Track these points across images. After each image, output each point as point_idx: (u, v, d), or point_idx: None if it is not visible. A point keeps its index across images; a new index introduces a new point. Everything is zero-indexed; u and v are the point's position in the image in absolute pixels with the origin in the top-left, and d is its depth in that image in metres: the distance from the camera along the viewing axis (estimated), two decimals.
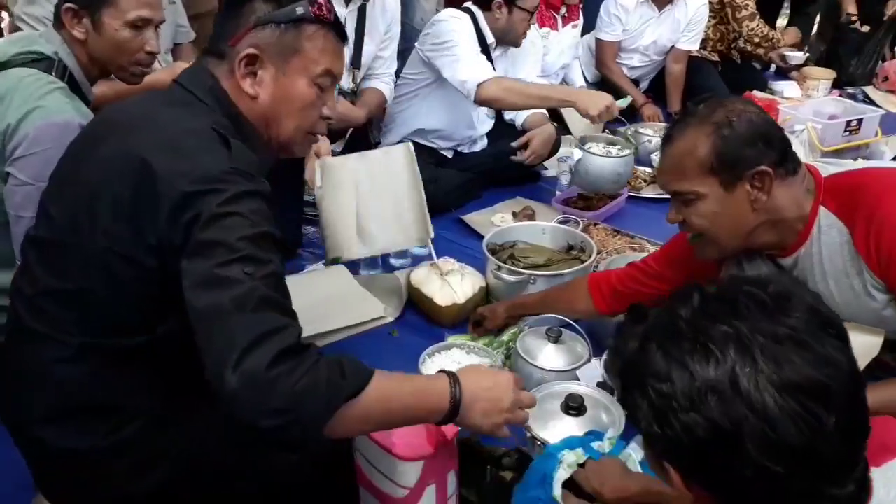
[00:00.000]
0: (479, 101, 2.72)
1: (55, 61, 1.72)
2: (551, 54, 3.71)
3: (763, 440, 0.71)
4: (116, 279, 1.17)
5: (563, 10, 3.67)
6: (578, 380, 1.79)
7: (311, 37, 1.28)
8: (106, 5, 1.72)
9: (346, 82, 2.75)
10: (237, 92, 1.28)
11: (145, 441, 1.25)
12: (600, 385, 1.74)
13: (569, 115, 3.61)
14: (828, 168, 1.50)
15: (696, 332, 0.77)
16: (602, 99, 2.61)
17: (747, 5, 4.11)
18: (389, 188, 2.21)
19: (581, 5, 3.79)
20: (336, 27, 1.32)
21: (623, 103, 3.46)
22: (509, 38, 2.97)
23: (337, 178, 2.20)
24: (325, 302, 2.18)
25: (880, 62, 4.76)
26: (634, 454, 1.38)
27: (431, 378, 1.20)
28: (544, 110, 3.19)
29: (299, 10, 1.26)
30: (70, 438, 1.23)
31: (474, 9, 2.94)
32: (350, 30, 2.60)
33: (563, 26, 3.70)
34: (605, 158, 2.80)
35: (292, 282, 2.35)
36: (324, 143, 2.31)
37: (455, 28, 2.76)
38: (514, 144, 3.04)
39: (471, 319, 2.12)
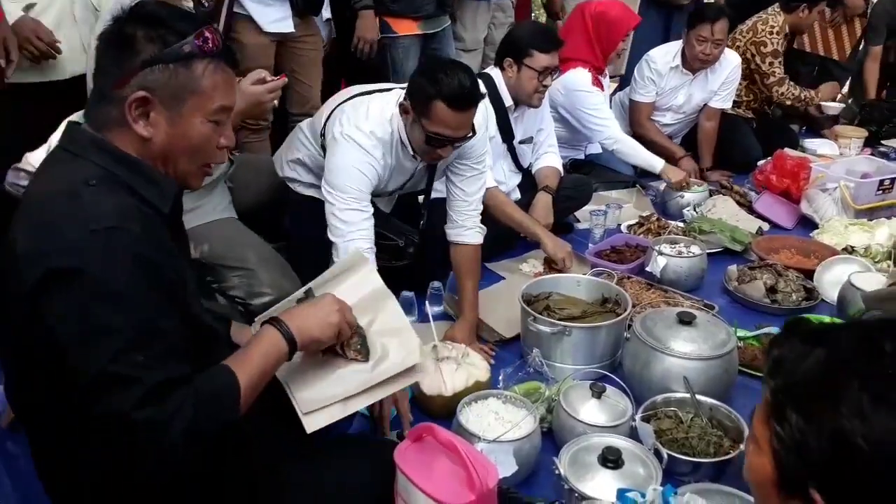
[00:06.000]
0: None
1: None
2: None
3: None
4: None
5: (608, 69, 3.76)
6: (620, 435, 1.80)
7: (203, 74, 1.22)
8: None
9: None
10: (127, 135, 1.22)
11: None
12: None
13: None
14: None
15: None
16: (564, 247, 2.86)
17: (774, 72, 4.18)
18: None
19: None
20: (226, 55, 1.26)
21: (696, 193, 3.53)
22: (521, 98, 3.01)
23: None
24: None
25: None
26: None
27: (263, 336, 1.31)
28: (558, 164, 3.26)
29: (187, 48, 1.20)
30: None
31: (493, 72, 3.01)
32: (420, 173, 2.51)
33: (608, 83, 3.79)
34: (681, 259, 2.82)
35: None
36: None
37: None
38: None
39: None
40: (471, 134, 2.26)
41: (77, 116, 1.76)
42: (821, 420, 0.76)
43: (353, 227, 2.23)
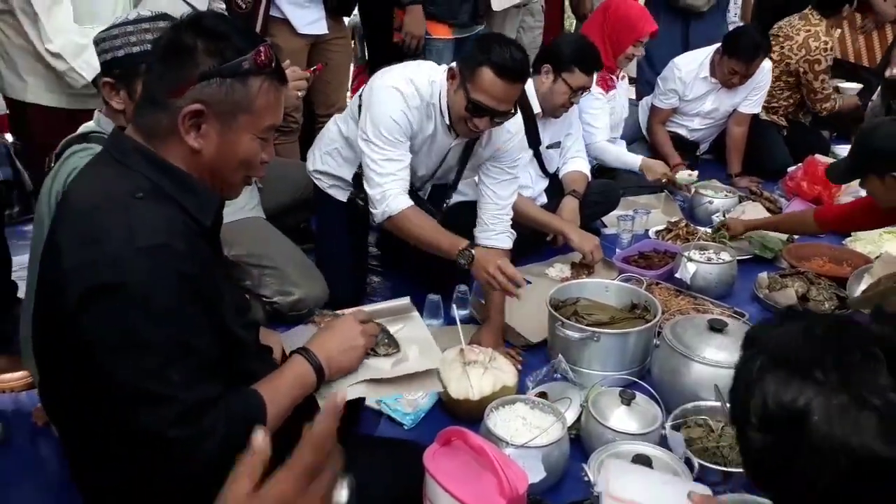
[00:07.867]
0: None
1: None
2: (617, 109, 3.76)
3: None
4: None
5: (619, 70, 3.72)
6: (650, 443, 1.78)
7: (258, 92, 1.23)
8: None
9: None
10: (176, 146, 1.23)
11: None
12: None
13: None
14: None
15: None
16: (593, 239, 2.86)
17: (824, 89, 4.15)
18: None
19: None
20: (277, 73, 1.28)
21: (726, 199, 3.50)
22: (546, 107, 2.99)
23: None
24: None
25: None
26: None
27: (293, 366, 1.36)
28: (585, 169, 3.23)
29: (246, 65, 1.21)
30: None
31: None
32: (454, 157, 2.50)
33: (619, 81, 3.76)
34: (711, 265, 2.79)
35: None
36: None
37: None
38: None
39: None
40: (512, 111, 2.24)
41: None
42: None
43: (388, 177, 2.23)
